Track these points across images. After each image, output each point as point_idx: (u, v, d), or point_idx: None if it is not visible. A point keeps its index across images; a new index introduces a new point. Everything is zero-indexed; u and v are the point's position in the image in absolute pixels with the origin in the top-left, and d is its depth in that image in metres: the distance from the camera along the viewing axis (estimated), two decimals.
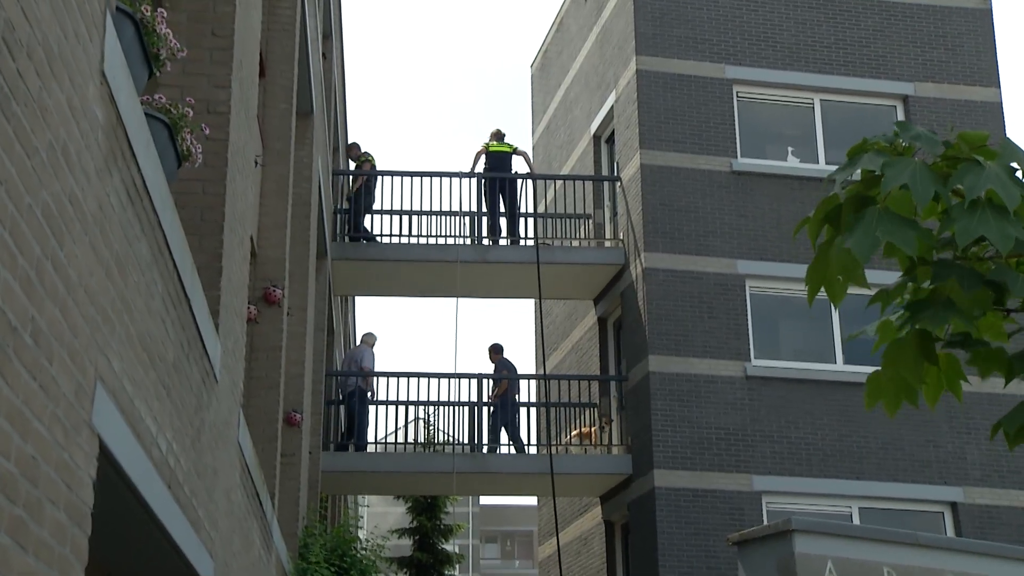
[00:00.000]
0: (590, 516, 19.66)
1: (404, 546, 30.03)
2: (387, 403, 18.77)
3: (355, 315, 31.39)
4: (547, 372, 20.55)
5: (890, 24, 19.55)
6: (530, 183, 20.00)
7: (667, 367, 17.27)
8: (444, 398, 19.00)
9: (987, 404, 17.61)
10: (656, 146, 18.28)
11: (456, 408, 18.76)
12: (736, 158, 18.45)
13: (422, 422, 23.32)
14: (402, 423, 19.02)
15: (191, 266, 5.57)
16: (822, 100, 19.27)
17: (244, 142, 7.37)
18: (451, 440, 19.42)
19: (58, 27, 3.42)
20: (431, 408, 20.83)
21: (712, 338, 17.47)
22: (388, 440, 19.60)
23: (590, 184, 20.24)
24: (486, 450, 18.49)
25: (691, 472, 16.81)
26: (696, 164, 18.30)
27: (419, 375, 18.83)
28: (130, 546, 5.45)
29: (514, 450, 18.61)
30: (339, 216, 19.16)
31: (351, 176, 19.43)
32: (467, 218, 19.22)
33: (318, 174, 14.53)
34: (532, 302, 23.00)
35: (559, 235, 20.17)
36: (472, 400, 18.72)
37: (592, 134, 20.84)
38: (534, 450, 18.92)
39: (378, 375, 18.97)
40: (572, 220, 20.08)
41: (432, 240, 18.93)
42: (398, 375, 18.89)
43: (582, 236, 20.07)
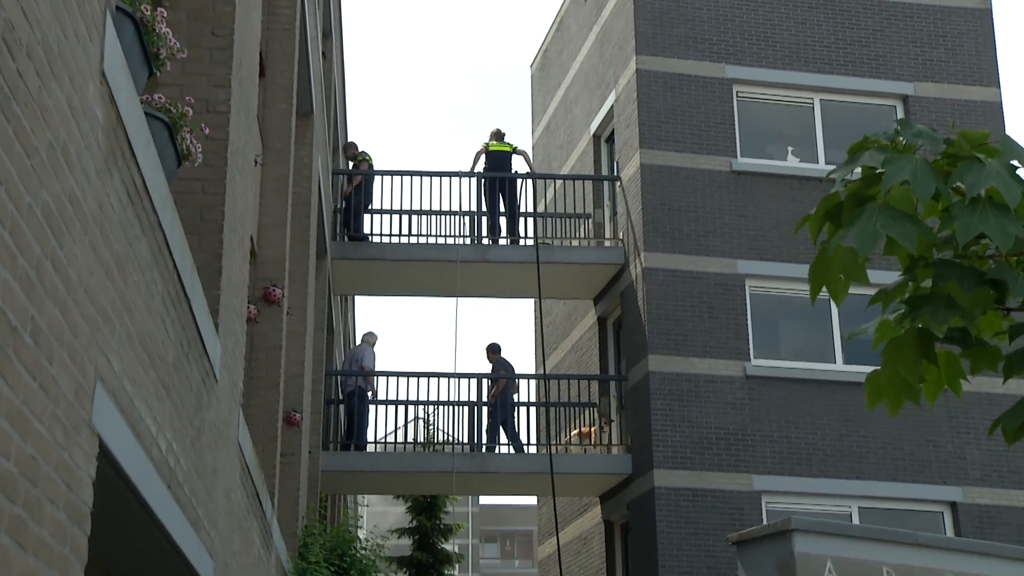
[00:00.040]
0: (590, 516, 19.66)
1: (404, 546, 30.03)
2: (387, 403, 18.76)
3: (355, 315, 31.39)
4: (547, 372, 20.55)
5: (890, 24, 19.55)
6: (530, 183, 20.00)
7: (667, 367, 17.27)
8: (444, 398, 19.00)
9: (987, 404, 17.60)
10: (656, 146, 18.28)
11: (456, 408, 18.76)
12: (736, 158, 18.45)
13: (422, 422, 23.32)
14: (402, 423, 19.01)
15: (191, 266, 5.57)
16: (822, 100, 19.27)
17: (244, 142, 7.37)
18: (451, 440, 19.41)
19: (58, 27, 3.42)
20: (431, 408, 20.84)
21: (712, 338, 17.47)
22: (388, 440, 19.60)
23: (590, 184, 20.23)
24: (485, 450, 18.49)
25: (691, 472, 16.81)
26: (696, 164, 18.29)
27: (419, 375, 18.82)
28: (130, 546, 5.45)
29: (513, 450, 18.61)
30: (337, 215, 19.15)
31: (349, 176, 19.41)
32: (467, 218, 19.21)
33: (318, 174, 14.53)
34: (532, 302, 22.99)
35: (559, 235, 20.17)
36: (472, 400, 18.72)
37: (592, 134, 20.84)
38: (534, 450, 18.91)
39: (378, 375, 18.97)
40: (572, 220, 20.08)
41: (432, 240, 18.93)
42: (398, 375, 18.89)
43: (582, 236, 20.06)
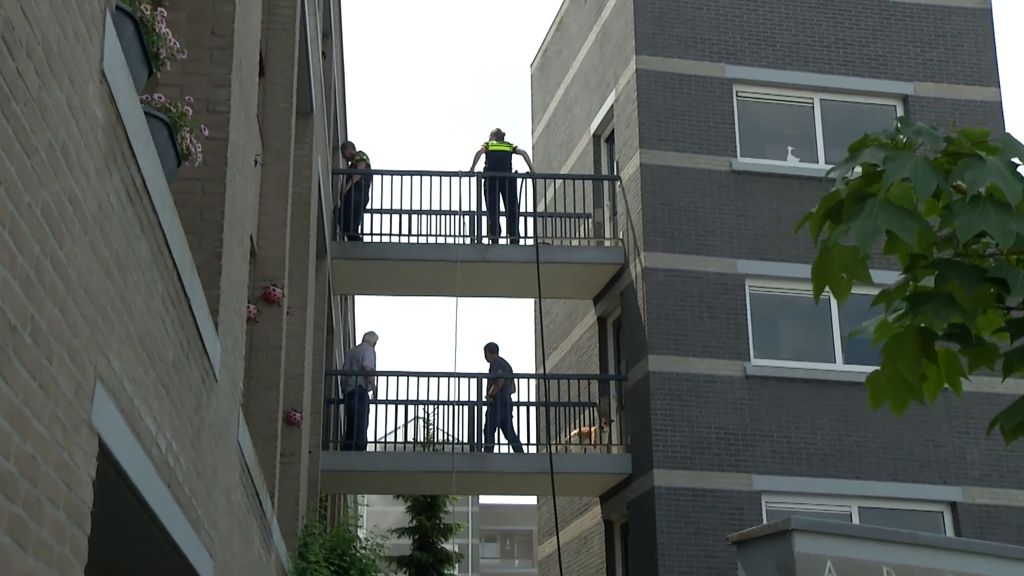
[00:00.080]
0: (590, 515, 19.66)
1: (404, 545, 30.03)
2: (387, 402, 18.76)
3: (355, 314, 31.39)
4: (547, 371, 20.54)
5: (890, 24, 19.55)
6: (530, 182, 19.99)
7: (667, 367, 17.27)
8: (444, 397, 18.99)
9: (987, 404, 17.61)
10: (656, 145, 18.28)
11: (456, 407, 18.76)
12: (736, 158, 18.45)
13: (422, 421, 23.32)
14: (402, 422, 19.01)
15: (191, 265, 5.57)
16: (822, 100, 19.27)
17: (244, 141, 7.37)
18: (451, 439, 19.41)
19: (58, 26, 3.42)
20: (431, 407, 20.83)
21: (712, 338, 17.47)
22: (388, 439, 19.60)
23: (590, 183, 20.23)
24: (485, 450, 18.48)
25: (691, 472, 16.81)
26: (696, 164, 18.29)
27: (419, 374, 18.82)
28: (130, 546, 5.45)
29: (512, 450, 18.60)
30: (338, 214, 19.14)
31: (347, 175, 19.39)
32: (467, 217, 19.21)
33: (318, 173, 14.53)
34: (532, 301, 22.99)
35: (559, 234, 20.17)
36: (472, 400, 18.72)
37: (592, 133, 20.83)
38: (534, 449, 18.91)
39: (378, 374, 18.96)
40: (572, 219, 20.08)
41: (432, 239, 18.93)
42: (398, 374, 18.88)
43: (582, 235, 20.06)
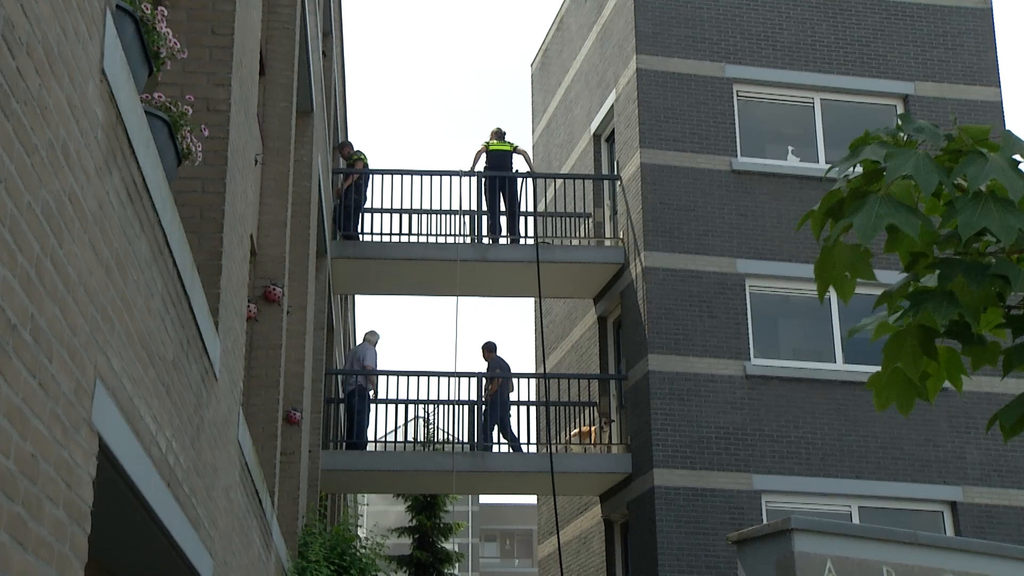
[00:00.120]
0: (590, 515, 19.66)
1: (404, 545, 30.02)
2: (387, 402, 18.76)
3: (355, 313, 31.39)
4: (547, 371, 20.54)
5: (890, 23, 19.54)
6: (530, 182, 19.99)
7: (667, 366, 17.27)
8: (444, 397, 18.99)
9: (987, 403, 17.61)
10: (656, 145, 18.28)
11: (456, 407, 18.75)
12: (736, 157, 18.44)
13: (422, 421, 23.31)
14: (402, 422, 19.00)
15: (191, 264, 5.57)
16: (822, 99, 19.26)
17: (244, 140, 7.37)
18: (451, 439, 19.41)
19: (58, 25, 3.42)
20: (431, 407, 20.83)
21: (712, 337, 17.47)
22: (388, 439, 19.60)
23: (590, 183, 20.24)
24: (485, 449, 18.47)
25: (691, 471, 16.81)
26: (696, 163, 18.29)
27: (419, 374, 18.82)
28: (129, 544, 5.45)
29: (510, 449, 18.59)
30: (337, 213, 19.13)
31: (345, 175, 19.36)
32: (467, 217, 19.20)
33: (318, 172, 14.53)
34: (532, 301, 22.99)
35: (559, 234, 20.17)
36: (472, 399, 18.72)
37: (592, 133, 20.83)
38: (534, 449, 18.91)
39: (379, 374, 18.96)
40: (572, 219, 20.07)
41: (432, 239, 18.93)
42: (398, 374, 18.88)
43: (582, 235, 20.06)
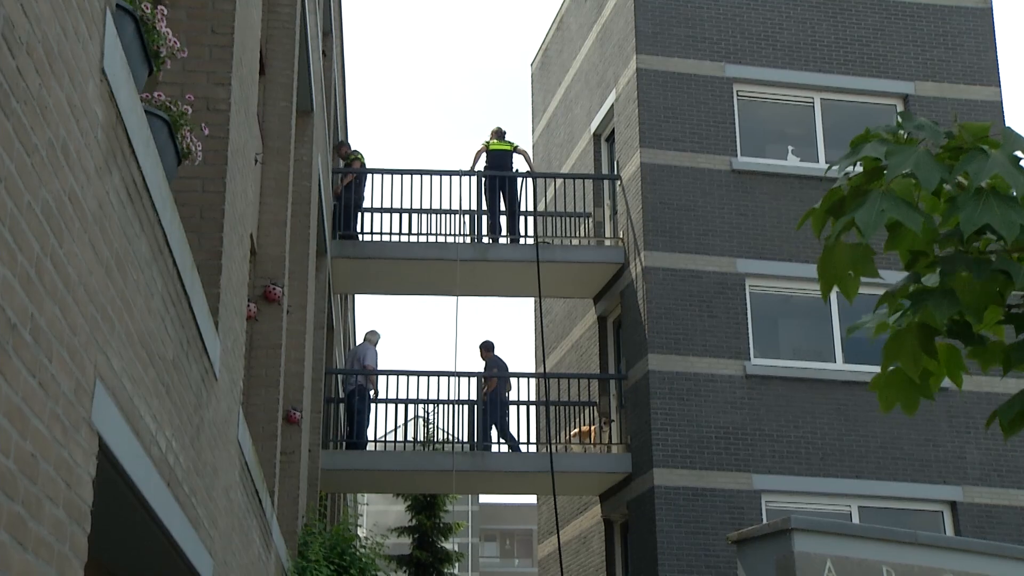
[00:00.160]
0: (590, 515, 19.66)
1: (403, 544, 30.02)
2: (387, 401, 18.76)
3: (355, 313, 31.39)
4: (547, 371, 20.54)
5: (890, 23, 19.54)
6: (530, 181, 19.99)
7: (667, 366, 17.27)
8: (444, 396, 18.99)
9: (986, 403, 17.61)
10: (656, 145, 18.27)
11: (456, 406, 18.76)
12: (736, 157, 18.44)
13: (422, 420, 23.31)
14: (402, 421, 19.00)
15: (191, 264, 5.56)
16: (822, 99, 19.26)
17: (244, 140, 7.37)
18: (451, 438, 19.41)
19: (58, 25, 3.41)
20: (431, 406, 20.83)
21: (712, 337, 17.47)
22: (388, 438, 19.59)
23: (590, 183, 20.23)
24: (484, 449, 18.47)
25: (691, 471, 16.81)
26: (696, 163, 18.29)
27: (419, 373, 18.82)
28: (129, 544, 5.45)
29: (507, 449, 18.58)
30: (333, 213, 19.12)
31: (341, 175, 19.34)
32: (467, 216, 19.21)
33: (318, 172, 14.52)
34: (532, 301, 22.99)
35: (559, 234, 20.16)
36: (472, 399, 18.72)
37: (592, 133, 20.83)
38: (533, 448, 18.91)
39: (379, 374, 18.96)
40: (572, 219, 20.07)
41: (432, 238, 18.93)
42: (398, 373, 18.88)
43: (582, 235, 20.06)
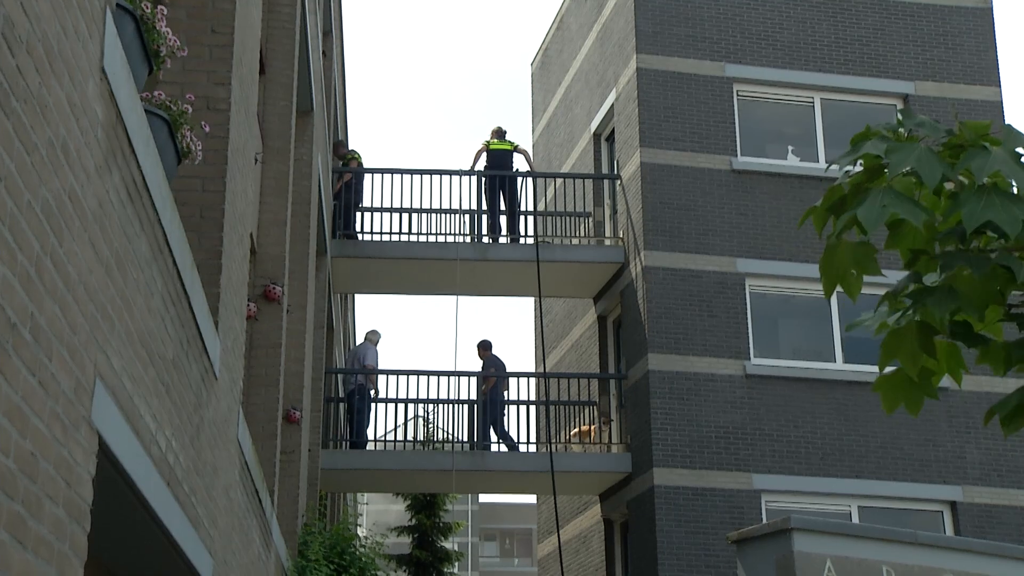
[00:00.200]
0: (589, 514, 19.66)
1: (403, 544, 30.02)
2: (387, 401, 18.76)
3: (355, 312, 31.39)
4: (547, 370, 20.54)
5: (890, 23, 19.55)
6: (530, 181, 19.99)
7: (667, 365, 17.27)
8: (444, 396, 19.00)
9: (986, 403, 17.60)
10: (656, 144, 18.27)
11: (456, 406, 18.76)
12: (736, 156, 18.44)
13: (422, 420, 23.31)
14: (402, 421, 19.00)
15: (191, 263, 5.56)
16: (822, 99, 19.26)
17: (244, 139, 7.37)
18: (450, 438, 19.41)
19: (58, 24, 3.41)
20: (431, 406, 20.84)
21: (712, 336, 17.47)
22: (388, 437, 19.59)
23: (590, 182, 20.23)
24: (484, 448, 18.47)
25: (690, 470, 16.81)
26: (696, 163, 18.28)
27: (419, 373, 18.82)
28: (129, 543, 5.45)
29: (505, 448, 18.57)
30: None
31: (339, 174, 19.32)
32: (467, 216, 19.20)
33: (318, 171, 14.52)
34: (532, 300, 22.99)
35: (559, 233, 20.16)
36: (472, 398, 18.72)
37: (592, 132, 20.83)
38: (533, 448, 18.91)
39: (379, 373, 18.96)
40: (572, 218, 20.07)
41: (432, 238, 18.93)
42: (398, 373, 18.88)
43: (582, 234, 20.06)
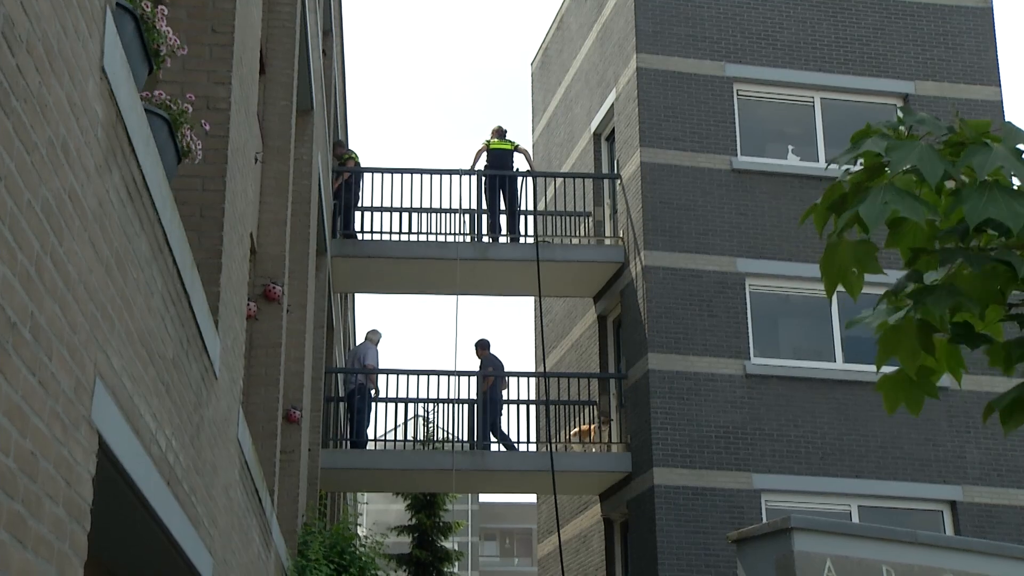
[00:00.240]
0: (589, 514, 19.66)
1: (403, 543, 30.02)
2: (387, 400, 18.76)
3: (355, 312, 31.38)
4: (547, 370, 20.54)
5: (891, 22, 19.54)
6: (530, 181, 19.99)
7: (667, 365, 17.27)
8: (444, 395, 18.99)
9: (986, 403, 17.59)
10: (656, 144, 18.27)
11: (456, 405, 18.75)
12: (736, 156, 18.44)
13: (422, 419, 23.31)
14: (402, 420, 18.99)
15: (191, 263, 5.56)
16: (822, 98, 19.26)
17: (244, 139, 7.37)
18: (450, 437, 19.41)
19: (58, 23, 3.41)
20: (431, 405, 20.84)
21: (712, 336, 17.47)
22: (388, 437, 19.59)
23: (590, 182, 20.23)
24: (483, 448, 18.46)
25: (690, 470, 16.81)
26: (696, 162, 18.28)
27: (419, 372, 18.82)
28: (129, 543, 5.45)
29: (503, 447, 18.56)
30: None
31: (335, 174, 19.30)
32: (467, 215, 19.20)
33: (318, 171, 14.52)
34: (532, 300, 22.98)
35: (559, 233, 20.16)
36: (472, 398, 18.72)
37: (592, 132, 20.83)
38: (533, 448, 18.90)
39: (379, 372, 18.95)
40: (572, 218, 20.07)
41: (432, 237, 18.93)
42: (398, 372, 18.88)
43: (582, 234, 20.06)
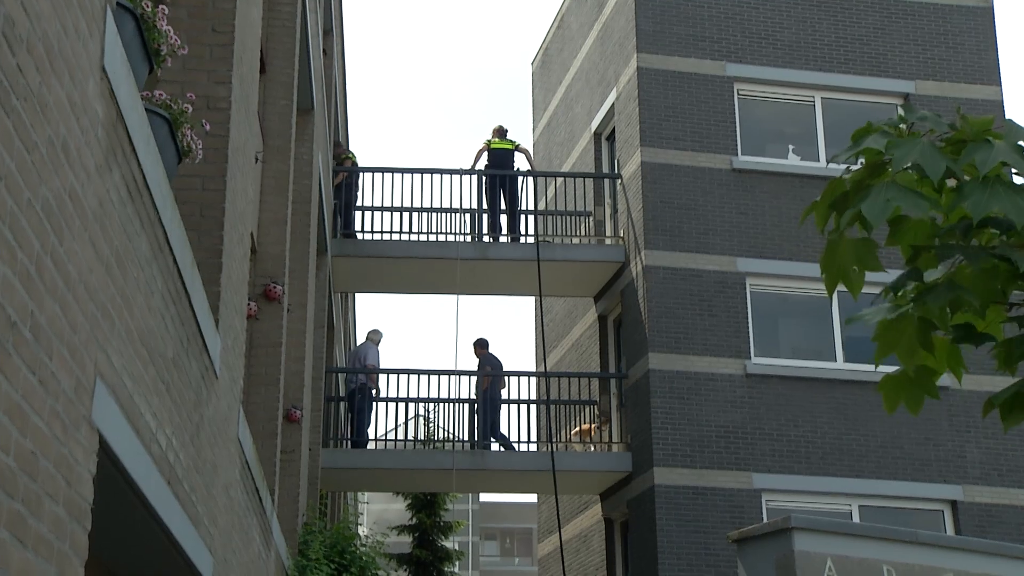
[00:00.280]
0: (590, 514, 19.66)
1: (404, 543, 30.02)
2: (387, 400, 18.76)
3: (355, 312, 31.38)
4: (547, 369, 20.54)
5: (891, 22, 19.54)
6: (531, 180, 19.98)
7: (667, 365, 17.27)
8: (444, 395, 18.99)
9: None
10: (657, 143, 18.27)
11: (456, 405, 18.75)
12: (737, 156, 18.44)
13: (422, 419, 23.31)
14: (402, 420, 19.00)
15: (191, 262, 5.56)
16: (823, 98, 19.25)
17: (244, 138, 7.37)
18: (451, 437, 19.41)
19: (58, 22, 3.41)
20: (431, 405, 20.84)
21: (712, 336, 17.47)
22: (389, 437, 19.58)
23: (591, 181, 20.23)
24: (484, 447, 18.46)
25: (691, 470, 16.80)
26: (696, 162, 18.28)
27: (419, 372, 18.82)
28: (129, 542, 5.45)
29: (501, 447, 18.55)
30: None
31: (333, 174, 19.29)
32: (467, 215, 19.20)
33: (318, 170, 14.52)
34: (532, 299, 22.98)
35: (559, 232, 20.16)
36: (472, 397, 18.72)
37: (593, 131, 20.83)
38: (533, 447, 18.90)
39: (380, 372, 18.95)
40: (572, 217, 20.07)
41: (432, 237, 18.93)
42: (399, 372, 18.88)
43: (582, 233, 20.06)
